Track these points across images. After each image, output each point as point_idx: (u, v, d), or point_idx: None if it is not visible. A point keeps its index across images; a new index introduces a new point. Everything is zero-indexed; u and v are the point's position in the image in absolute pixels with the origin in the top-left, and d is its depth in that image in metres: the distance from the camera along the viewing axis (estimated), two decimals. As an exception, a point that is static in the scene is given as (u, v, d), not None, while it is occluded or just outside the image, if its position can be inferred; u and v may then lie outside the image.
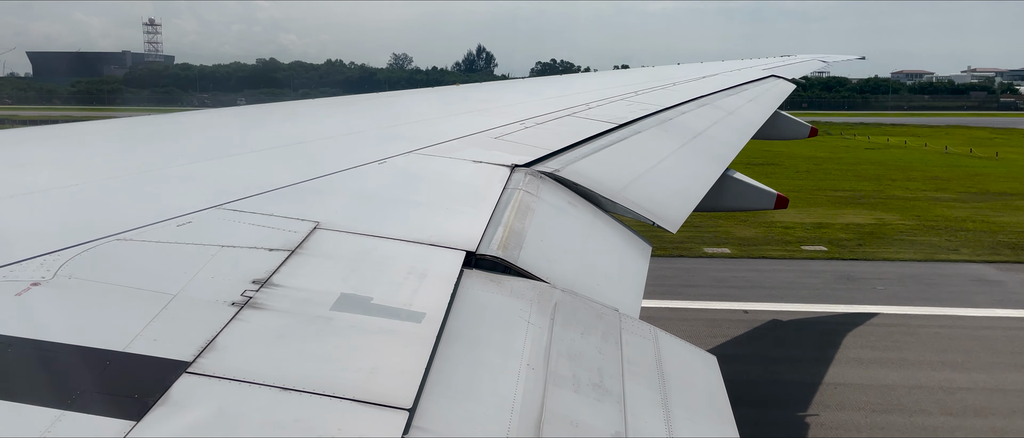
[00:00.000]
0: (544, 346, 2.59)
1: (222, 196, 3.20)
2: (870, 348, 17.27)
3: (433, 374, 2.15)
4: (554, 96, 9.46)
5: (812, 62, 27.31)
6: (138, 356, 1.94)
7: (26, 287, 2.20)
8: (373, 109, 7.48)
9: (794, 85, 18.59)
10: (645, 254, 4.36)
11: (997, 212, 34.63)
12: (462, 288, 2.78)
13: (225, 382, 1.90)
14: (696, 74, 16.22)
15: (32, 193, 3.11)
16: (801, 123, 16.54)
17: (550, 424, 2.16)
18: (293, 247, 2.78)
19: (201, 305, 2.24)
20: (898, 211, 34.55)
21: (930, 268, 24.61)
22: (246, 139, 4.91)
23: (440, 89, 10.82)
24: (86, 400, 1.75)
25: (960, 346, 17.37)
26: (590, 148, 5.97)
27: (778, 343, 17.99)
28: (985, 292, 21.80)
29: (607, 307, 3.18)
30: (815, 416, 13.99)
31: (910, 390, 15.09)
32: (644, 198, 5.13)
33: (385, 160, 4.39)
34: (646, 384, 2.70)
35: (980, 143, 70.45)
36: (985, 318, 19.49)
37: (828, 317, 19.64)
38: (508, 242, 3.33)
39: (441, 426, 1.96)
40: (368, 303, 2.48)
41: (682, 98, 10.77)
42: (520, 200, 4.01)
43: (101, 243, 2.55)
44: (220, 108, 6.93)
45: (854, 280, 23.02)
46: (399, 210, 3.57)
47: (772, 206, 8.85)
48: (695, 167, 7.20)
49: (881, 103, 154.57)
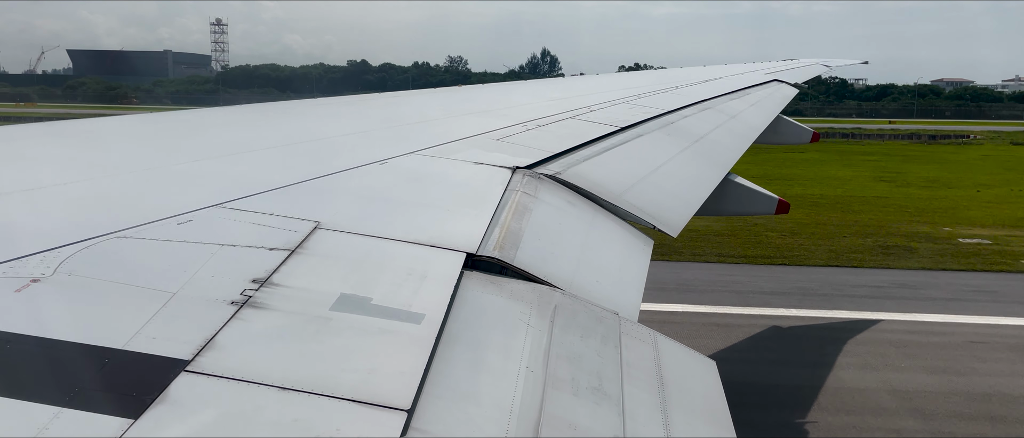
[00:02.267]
0: (543, 349, 2.59)
1: (223, 195, 3.20)
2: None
3: (432, 375, 2.15)
4: (556, 98, 9.45)
5: (815, 66, 27.28)
6: (137, 354, 1.94)
7: (25, 283, 2.20)
8: (375, 110, 7.48)
9: (797, 90, 18.57)
10: (646, 251, 4.36)
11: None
12: (462, 290, 2.78)
13: (224, 381, 1.90)
14: (699, 77, 16.21)
15: (33, 189, 3.12)
16: (804, 128, 16.53)
17: (548, 427, 2.16)
18: (293, 247, 2.78)
19: (200, 304, 2.24)
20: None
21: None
22: (248, 138, 4.91)
23: (443, 90, 10.83)
24: (84, 397, 1.74)
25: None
26: (592, 151, 5.97)
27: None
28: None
29: (607, 310, 3.18)
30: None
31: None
32: (645, 201, 5.13)
33: (387, 161, 4.39)
34: (645, 388, 2.70)
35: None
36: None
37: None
38: (508, 244, 3.33)
39: (439, 427, 1.96)
40: (368, 303, 2.48)
41: (685, 101, 10.77)
42: (521, 202, 4.01)
43: (101, 240, 2.55)
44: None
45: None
46: (400, 211, 3.57)
47: (774, 211, 8.85)
48: (697, 171, 7.20)
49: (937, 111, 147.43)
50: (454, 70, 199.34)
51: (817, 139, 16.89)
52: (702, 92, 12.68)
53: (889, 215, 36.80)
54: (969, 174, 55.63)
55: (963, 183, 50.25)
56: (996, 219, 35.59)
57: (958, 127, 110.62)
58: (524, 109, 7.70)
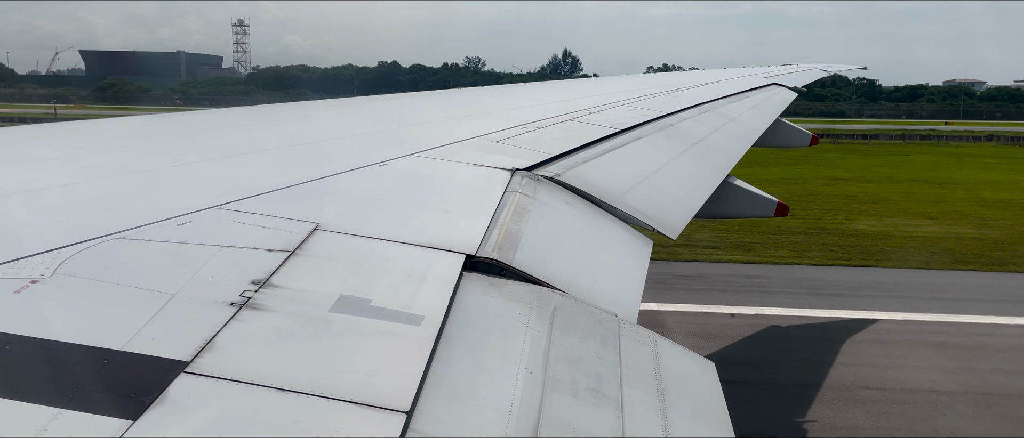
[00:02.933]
0: (543, 350, 2.59)
1: (222, 196, 3.20)
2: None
3: (431, 377, 2.15)
4: (556, 101, 9.46)
5: (814, 70, 27.31)
6: (136, 355, 1.94)
7: (25, 285, 2.20)
8: (375, 111, 7.48)
9: (796, 94, 18.60)
10: (645, 252, 4.36)
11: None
12: (461, 291, 2.78)
13: (223, 382, 1.89)
14: (698, 81, 16.24)
15: (33, 191, 3.12)
16: (803, 131, 16.56)
17: (547, 428, 2.16)
18: (293, 248, 2.78)
19: (200, 305, 2.24)
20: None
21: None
22: (247, 140, 4.92)
23: (443, 92, 10.82)
24: (84, 398, 1.74)
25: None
26: (591, 153, 5.97)
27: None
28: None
29: (606, 312, 3.18)
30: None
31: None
32: (644, 204, 5.13)
33: (386, 162, 4.39)
34: (644, 390, 2.70)
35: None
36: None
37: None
38: (507, 245, 3.33)
39: (439, 429, 1.96)
40: (367, 305, 2.47)
41: (684, 104, 10.78)
42: (520, 203, 4.01)
43: (101, 242, 2.55)
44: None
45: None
46: (399, 212, 3.57)
47: (773, 214, 8.86)
48: (696, 173, 7.20)
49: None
50: (474, 70, 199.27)
51: (816, 142, 16.92)
52: (701, 95, 12.69)
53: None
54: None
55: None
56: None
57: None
58: (524, 111, 7.70)
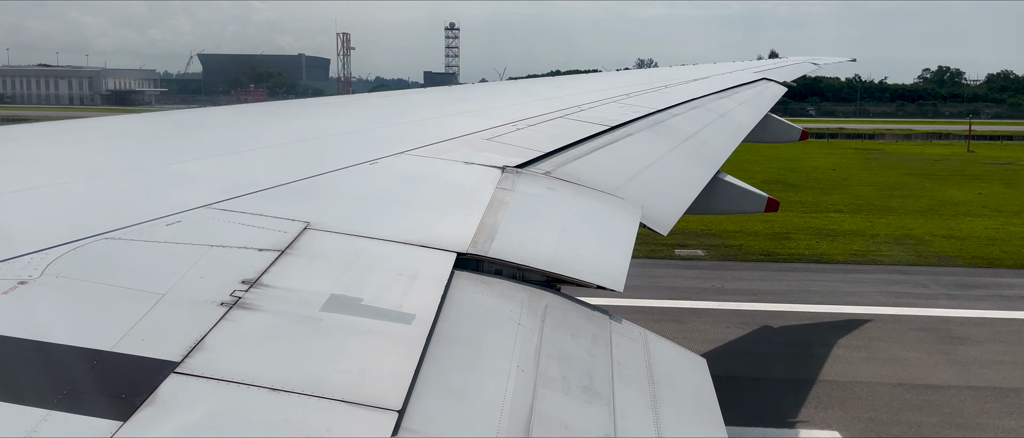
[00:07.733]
0: (534, 348, 2.59)
1: (212, 195, 3.19)
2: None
3: (423, 375, 2.15)
4: (547, 98, 9.46)
5: (803, 64, 27.38)
6: (126, 356, 1.93)
7: (12, 285, 2.19)
8: (365, 109, 7.47)
9: (785, 88, 18.65)
10: (634, 218, 4.48)
11: None
12: (453, 289, 2.78)
13: (213, 382, 1.89)
14: (688, 76, 16.25)
15: (22, 190, 3.10)
16: (792, 126, 16.62)
17: (539, 426, 2.16)
18: (283, 247, 2.77)
19: (190, 305, 2.23)
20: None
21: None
22: (238, 138, 4.90)
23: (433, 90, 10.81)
24: (73, 400, 1.74)
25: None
26: (582, 150, 5.98)
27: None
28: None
29: (597, 310, 3.19)
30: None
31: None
32: (635, 200, 5.14)
33: (377, 161, 4.38)
34: (635, 386, 2.71)
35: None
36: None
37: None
38: (498, 244, 3.33)
39: (430, 427, 1.96)
40: (358, 304, 2.47)
41: (674, 101, 10.79)
42: (510, 201, 4.01)
43: (90, 242, 2.54)
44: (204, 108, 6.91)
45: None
46: (390, 211, 3.57)
47: (763, 209, 8.89)
48: (686, 169, 7.22)
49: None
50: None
51: (806, 137, 16.98)
52: (691, 91, 12.70)
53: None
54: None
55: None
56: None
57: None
58: (514, 109, 7.70)
